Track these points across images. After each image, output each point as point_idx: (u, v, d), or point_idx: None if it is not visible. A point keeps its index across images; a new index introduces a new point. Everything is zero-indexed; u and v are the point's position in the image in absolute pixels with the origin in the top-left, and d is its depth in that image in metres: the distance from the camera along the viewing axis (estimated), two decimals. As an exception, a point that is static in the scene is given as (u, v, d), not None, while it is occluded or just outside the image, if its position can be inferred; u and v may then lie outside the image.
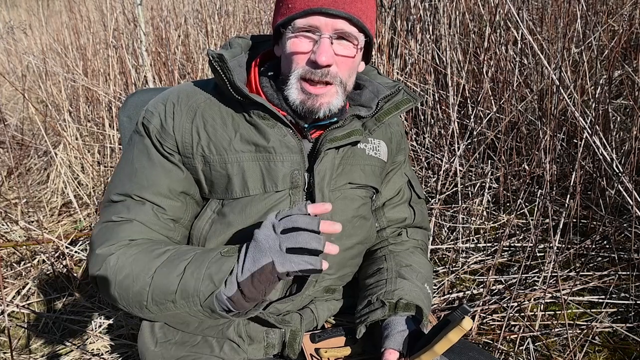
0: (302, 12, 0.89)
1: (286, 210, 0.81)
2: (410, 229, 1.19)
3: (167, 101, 0.97)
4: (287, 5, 0.92)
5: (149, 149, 0.96)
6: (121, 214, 0.93)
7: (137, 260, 0.87)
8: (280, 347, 1.02)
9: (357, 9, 0.91)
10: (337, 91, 0.94)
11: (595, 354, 1.66)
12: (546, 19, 2.58)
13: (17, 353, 1.90)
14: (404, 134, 1.19)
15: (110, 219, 0.93)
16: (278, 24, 0.94)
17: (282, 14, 0.94)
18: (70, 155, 3.29)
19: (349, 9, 0.90)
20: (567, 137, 2.42)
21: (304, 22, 0.90)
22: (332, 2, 0.89)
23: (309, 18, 0.89)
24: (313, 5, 0.89)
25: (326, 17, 0.89)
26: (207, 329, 1.01)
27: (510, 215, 2.31)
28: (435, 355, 0.82)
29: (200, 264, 0.83)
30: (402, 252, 1.14)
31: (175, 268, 0.84)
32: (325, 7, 0.88)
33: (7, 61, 5.67)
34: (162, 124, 0.96)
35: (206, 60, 3.49)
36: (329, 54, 0.89)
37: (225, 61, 0.91)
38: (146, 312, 0.87)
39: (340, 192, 1.02)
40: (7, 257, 2.54)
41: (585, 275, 1.97)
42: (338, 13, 0.89)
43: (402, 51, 2.91)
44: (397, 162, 1.16)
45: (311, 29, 0.90)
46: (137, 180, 0.95)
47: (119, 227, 0.92)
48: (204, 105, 0.97)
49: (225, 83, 0.93)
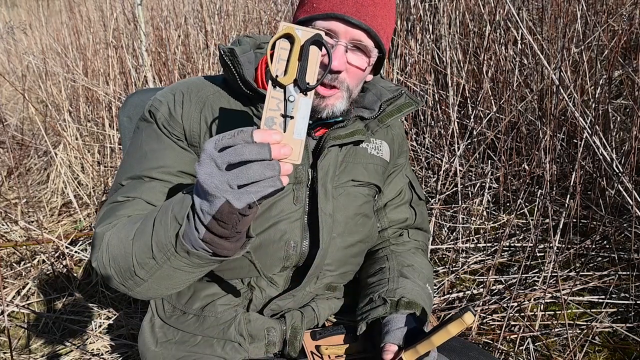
0: (324, 15, 0.91)
1: (226, 137, 0.69)
2: (411, 230, 1.21)
3: (176, 91, 0.99)
4: (312, 4, 0.93)
5: (157, 133, 0.97)
6: (127, 193, 0.93)
7: (123, 230, 0.86)
8: (281, 345, 1.02)
9: (377, 24, 0.93)
10: (342, 96, 0.96)
11: (595, 354, 1.66)
12: (546, 19, 2.58)
13: (17, 353, 1.90)
14: (405, 136, 1.21)
15: (115, 200, 0.94)
16: (299, 20, 0.95)
17: (305, 11, 0.95)
18: (70, 155, 3.29)
19: (370, 22, 0.92)
20: (567, 137, 2.42)
21: (324, 25, 0.91)
22: (355, 11, 0.90)
23: (330, 22, 0.91)
24: (337, 10, 0.90)
25: (346, 25, 0.91)
26: (207, 329, 1.01)
27: (510, 215, 2.31)
28: (432, 346, 0.81)
29: (167, 209, 0.79)
30: (403, 252, 1.15)
31: (147, 224, 0.81)
32: (347, 14, 0.90)
33: (7, 61, 5.67)
34: (171, 111, 0.96)
35: (206, 60, 3.49)
36: (342, 61, 0.91)
37: (236, 55, 0.93)
38: (139, 281, 0.84)
39: (343, 189, 1.04)
40: (7, 257, 2.54)
41: (585, 275, 1.98)
42: (358, 23, 0.90)
43: (402, 51, 2.91)
44: (399, 164, 1.19)
45: (330, 33, 0.91)
46: (147, 162, 0.95)
47: (122, 205, 0.92)
48: (213, 97, 0.99)
49: (235, 77, 0.95)
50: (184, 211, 0.75)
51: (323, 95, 0.94)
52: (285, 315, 1.02)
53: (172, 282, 0.85)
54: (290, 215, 0.99)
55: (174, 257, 0.78)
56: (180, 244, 0.76)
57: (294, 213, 0.99)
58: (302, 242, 1.00)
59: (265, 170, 0.67)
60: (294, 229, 0.99)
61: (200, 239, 0.74)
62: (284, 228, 0.98)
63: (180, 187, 0.93)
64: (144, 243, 0.80)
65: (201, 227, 0.74)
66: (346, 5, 0.90)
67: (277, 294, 1.02)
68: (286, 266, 1.01)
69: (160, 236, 0.78)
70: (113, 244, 0.86)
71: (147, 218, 0.83)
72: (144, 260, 0.81)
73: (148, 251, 0.80)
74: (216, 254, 0.77)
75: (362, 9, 0.91)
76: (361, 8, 0.91)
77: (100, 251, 0.87)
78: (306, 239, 1.00)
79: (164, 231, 0.78)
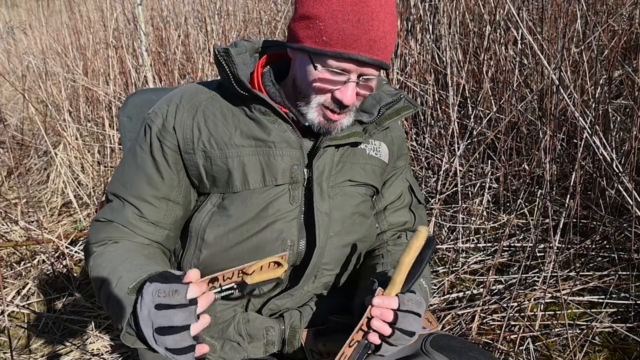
0: (338, 54, 0.89)
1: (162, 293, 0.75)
2: (410, 233, 1.20)
3: (170, 102, 1.01)
4: (320, 33, 0.89)
5: (140, 153, 1.01)
6: (105, 215, 1.00)
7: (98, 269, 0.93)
8: (280, 344, 1.03)
9: (388, 53, 0.92)
10: (350, 115, 0.99)
11: (595, 354, 1.66)
12: (546, 19, 2.58)
13: (17, 353, 1.90)
14: (405, 138, 1.22)
15: (98, 218, 1.01)
16: (308, 50, 0.92)
17: (312, 39, 0.91)
18: (70, 155, 3.30)
19: (382, 56, 0.91)
20: (567, 137, 2.42)
21: (336, 65, 0.90)
22: (368, 49, 0.88)
23: (343, 63, 0.90)
24: (350, 50, 0.88)
25: (358, 65, 0.90)
26: (207, 328, 1.01)
27: (510, 215, 2.31)
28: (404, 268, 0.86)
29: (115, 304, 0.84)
30: (399, 251, 1.15)
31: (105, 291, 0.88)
32: (361, 55, 0.88)
33: (7, 61, 5.67)
34: (164, 122, 0.99)
35: (206, 60, 3.49)
36: (352, 96, 0.92)
37: (231, 55, 0.94)
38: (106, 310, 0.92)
39: (340, 189, 1.04)
40: (7, 257, 2.54)
41: (585, 275, 1.97)
42: (372, 62, 0.89)
43: (402, 51, 2.91)
44: (399, 167, 1.19)
45: (341, 72, 0.91)
46: (123, 182, 1.01)
47: (103, 227, 0.99)
48: (206, 103, 1.00)
49: (229, 77, 0.95)
50: (123, 321, 0.81)
51: (335, 120, 0.96)
52: (284, 314, 1.03)
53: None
54: (287, 215, 0.99)
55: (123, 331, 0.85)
56: (124, 335, 0.83)
57: (290, 212, 0.99)
58: (299, 241, 1.00)
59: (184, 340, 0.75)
60: (290, 229, 0.99)
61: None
62: (280, 228, 0.98)
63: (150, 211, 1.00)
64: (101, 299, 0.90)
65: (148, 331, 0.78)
66: (359, 45, 0.88)
67: (275, 294, 1.02)
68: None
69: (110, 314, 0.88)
70: (92, 271, 0.95)
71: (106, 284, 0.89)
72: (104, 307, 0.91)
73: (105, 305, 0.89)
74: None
75: (374, 45, 0.88)
76: (374, 44, 0.88)
77: (88, 266, 0.97)
78: (303, 238, 1.01)
79: (112, 317, 0.87)
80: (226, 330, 1.00)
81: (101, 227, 0.99)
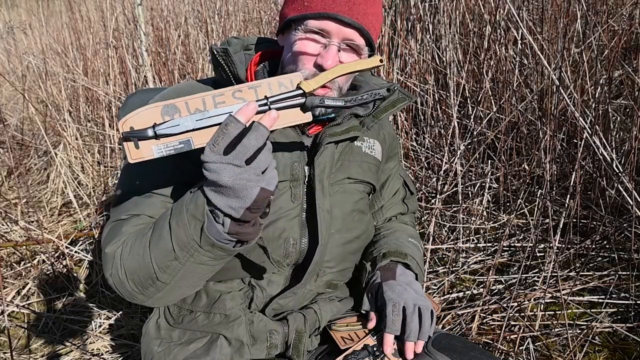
0: (317, 14, 0.91)
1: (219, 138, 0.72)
2: (400, 217, 1.29)
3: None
4: (302, 2, 0.94)
5: None
6: (129, 210, 0.94)
7: (135, 242, 0.88)
8: (282, 347, 1.02)
9: (368, 21, 0.94)
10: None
11: (595, 354, 1.66)
12: (546, 19, 2.58)
13: (17, 353, 1.90)
14: (395, 136, 1.25)
15: (118, 218, 0.95)
16: (290, 18, 0.95)
17: (295, 9, 0.95)
18: (70, 155, 3.29)
19: (362, 20, 0.92)
20: (567, 137, 2.42)
21: (316, 25, 0.92)
22: (347, 9, 0.91)
23: (323, 22, 0.91)
24: (329, 9, 0.90)
25: (339, 24, 0.91)
26: (215, 326, 1.01)
27: (510, 215, 2.31)
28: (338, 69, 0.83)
29: (180, 211, 0.81)
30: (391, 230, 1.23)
31: (163, 228, 0.83)
32: (341, 14, 0.90)
33: (7, 61, 5.67)
34: None
35: (206, 60, 3.49)
36: (335, 61, 0.92)
37: (230, 55, 0.95)
38: (161, 285, 0.85)
39: (340, 186, 1.05)
40: (7, 257, 2.54)
41: (585, 275, 1.97)
42: (351, 22, 0.91)
43: (402, 51, 2.91)
44: (393, 167, 1.23)
45: (322, 32, 0.92)
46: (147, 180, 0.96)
47: (126, 222, 0.93)
48: None
49: (229, 76, 0.96)
50: (201, 208, 0.77)
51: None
52: (288, 317, 1.02)
53: (192, 280, 0.87)
54: (289, 213, 0.99)
55: (198, 252, 0.80)
56: (205, 237, 0.78)
57: (292, 210, 0.99)
58: (301, 239, 1.00)
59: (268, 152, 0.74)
60: (292, 227, 0.99)
61: (226, 232, 0.78)
62: (282, 226, 0.99)
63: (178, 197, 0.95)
64: (163, 247, 0.82)
65: (227, 221, 0.77)
66: (339, 4, 0.91)
67: (277, 293, 1.02)
68: (286, 264, 1.02)
69: (180, 236, 0.80)
70: (127, 258, 0.87)
71: (158, 225, 0.85)
72: (165, 263, 0.82)
73: (169, 253, 0.82)
74: (239, 240, 0.80)
75: (354, 7, 0.91)
76: (353, 6, 0.91)
77: (115, 268, 0.88)
78: (305, 236, 1.01)
79: (184, 230, 0.80)
80: (237, 329, 1.00)
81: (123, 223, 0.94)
